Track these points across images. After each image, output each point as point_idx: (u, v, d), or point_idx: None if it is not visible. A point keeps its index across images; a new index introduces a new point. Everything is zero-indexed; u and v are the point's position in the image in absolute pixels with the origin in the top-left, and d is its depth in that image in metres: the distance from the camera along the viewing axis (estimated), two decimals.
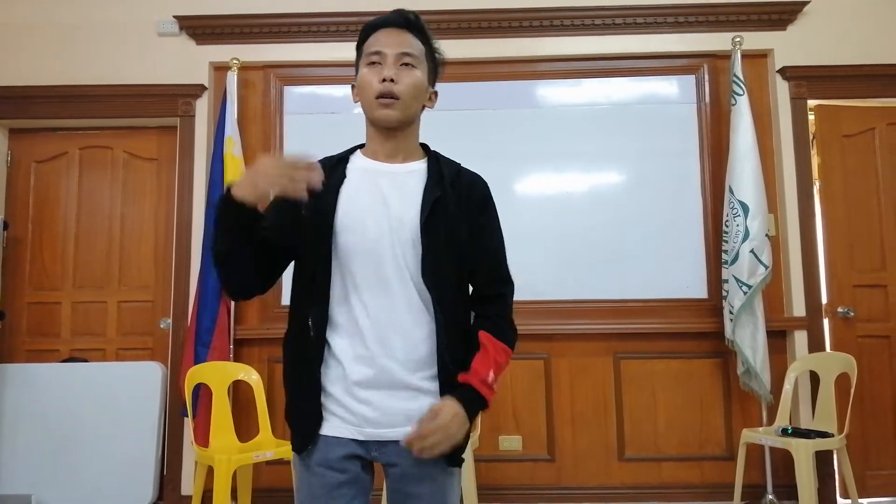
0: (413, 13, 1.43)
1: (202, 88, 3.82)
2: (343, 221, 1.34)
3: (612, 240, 3.71)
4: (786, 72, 3.73)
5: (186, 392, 3.19)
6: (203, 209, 3.63)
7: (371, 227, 1.33)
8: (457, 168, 1.46)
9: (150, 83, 3.81)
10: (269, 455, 3.03)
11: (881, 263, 3.73)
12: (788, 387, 3.41)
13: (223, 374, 3.35)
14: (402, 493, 1.34)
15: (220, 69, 3.84)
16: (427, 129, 1.52)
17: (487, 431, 3.54)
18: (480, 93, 3.82)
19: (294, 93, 3.87)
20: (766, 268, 3.39)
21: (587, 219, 3.73)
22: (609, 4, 3.77)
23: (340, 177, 1.39)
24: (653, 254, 3.70)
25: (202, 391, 3.32)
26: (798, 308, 3.60)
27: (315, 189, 1.21)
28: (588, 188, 3.78)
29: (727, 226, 3.50)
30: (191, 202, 3.74)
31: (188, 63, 3.83)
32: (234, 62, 3.72)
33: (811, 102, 3.76)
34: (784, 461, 3.36)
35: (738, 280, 3.38)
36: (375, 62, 1.37)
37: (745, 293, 3.36)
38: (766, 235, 3.44)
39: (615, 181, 3.79)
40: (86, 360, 3.77)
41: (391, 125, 1.38)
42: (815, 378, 3.42)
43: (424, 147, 1.48)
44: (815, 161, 3.76)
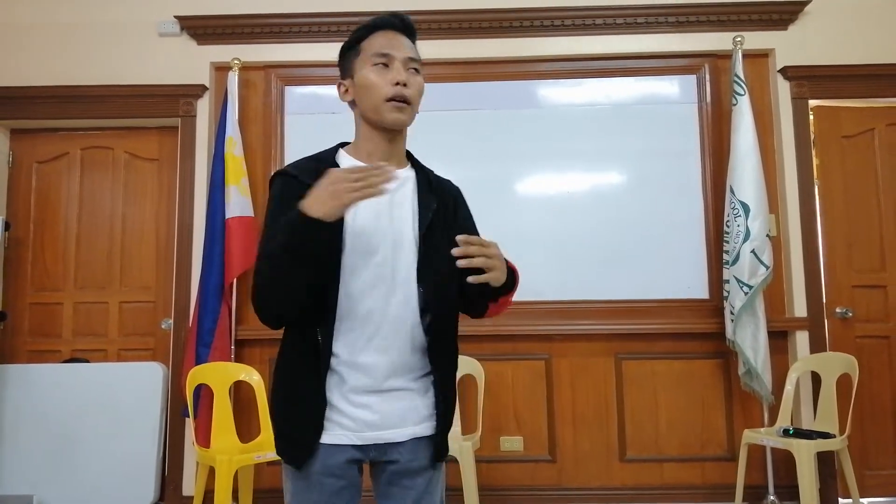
0: (409, 18, 1.44)
1: (203, 89, 3.82)
2: (351, 232, 1.32)
3: (613, 240, 3.71)
4: (787, 72, 3.73)
5: (188, 392, 3.19)
6: (204, 210, 3.63)
7: (375, 238, 1.34)
8: (434, 174, 1.50)
9: (151, 83, 3.81)
10: (271, 455, 3.03)
11: (881, 264, 3.73)
12: (790, 387, 3.40)
13: (224, 375, 3.35)
14: (398, 487, 1.37)
15: (221, 69, 3.84)
16: (427, 130, 1.53)
17: (488, 432, 3.54)
18: (481, 93, 3.81)
19: (295, 93, 3.88)
20: (767, 268, 3.39)
21: (588, 219, 3.73)
22: (610, 4, 3.77)
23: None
24: (653, 254, 3.69)
25: (203, 392, 3.33)
26: (799, 308, 3.60)
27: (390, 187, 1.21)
28: (589, 188, 3.78)
29: (728, 226, 3.50)
30: (192, 202, 3.74)
31: (189, 63, 3.84)
32: (235, 62, 3.72)
33: (811, 103, 3.76)
34: (785, 462, 3.36)
35: (739, 280, 3.38)
36: (383, 64, 1.37)
37: (746, 294, 3.35)
38: (767, 236, 3.44)
39: (616, 181, 3.79)
40: (87, 361, 3.78)
41: (400, 129, 1.41)
42: (817, 378, 3.42)
43: (406, 152, 1.49)
44: (814, 162, 3.76)
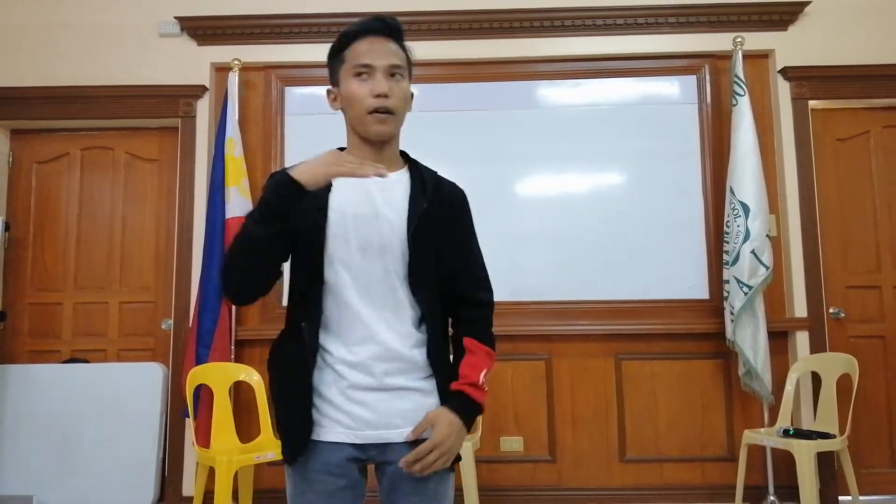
0: (393, 19, 1.41)
1: (203, 89, 3.82)
2: (333, 232, 1.34)
3: (613, 240, 3.71)
4: (787, 72, 3.73)
5: (187, 393, 3.19)
6: (204, 210, 3.63)
7: (360, 238, 1.34)
8: (436, 177, 1.46)
9: (152, 84, 3.81)
10: (271, 456, 3.03)
11: (876, 265, 3.76)
12: (790, 388, 3.40)
13: (224, 375, 3.35)
14: (401, 491, 1.34)
15: (222, 70, 3.84)
16: (427, 130, 1.53)
17: (488, 433, 3.54)
18: (481, 93, 3.81)
19: (295, 93, 3.88)
20: (767, 268, 3.39)
21: (588, 219, 3.73)
22: (610, 5, 3.77)
23: (327, 185, 1.36)
24: (654, 254, 3.69)
25: (203, 392, 3.33)
26: (799, 309, 3.60)
27: (383, 176, 1.24)
28: (589, 189, 3.78)
29: (728, 226, 3.50)
30: (192, 203, 3.74)
31: (189, 64, 3.84)
32: (236, 63, 3.72)
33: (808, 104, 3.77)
34: (786, 462, 3.36)
35: (739, 281, 3.38)
36: (364, 74, 1.36)
37: (746, 294, 3.35)
38: (767, 236, 3.44)
39: (616, 182, 3.79)
40: (87, 361, 3.78)
41: (385, 140, 1.39)
42: (817, 379, 3.42)
43: (403, 154, 1.48)
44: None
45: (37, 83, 3.82)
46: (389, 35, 1.40)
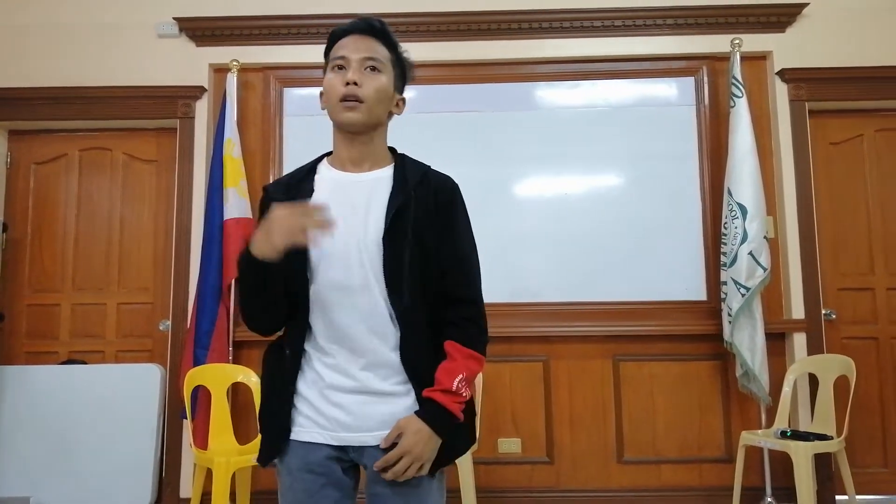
0: (378, 20, 1.42)
1: (202, 90, 3.82)
2: (313, 260, 1.35)
3: (611, 242, 3.72)
4: (784, 74, 3.74)
5: (185, 394, 3.19)
6: (202, 211, 3.63)
7: (339, 241, 1.32)
8: (423, 171, 1.42)
9: (150, 85, 3.81)
10: None
11: (869, 267, 3.79)
12: (787, 389, 3.41)
13: (222, 377, 3.35)
14: (380, 494, 1.34)
15: (220, 71, 3.84)
16: (425, 132, 1.53)
17: (486, 434, 3.54)
18: (479, 95, 3.81)
19: (294, 94, 3.88)
20: (765, 270, 3.39)
21: (586, 221, 3.73)
22: (608, 6, 3.77)
23: (308, 192, 1.38)
24: (651, 256, 3.70)
25: (201, 393, 3.32)
26: (797, 310, 3.61)
27: (328, 229, 1.24)
28: (587, 190, 3.78)
29: (726, 228, 3.50)
30: (190, 204, 3.74)
31: (188, 65, 3.83)
32: (234, 64, 3.72)
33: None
34: (783, 463, 3.36)
35: (737, 282, 3.38)
36: (340, 66, 1.38)
37: (744, 295, 3.36)
38: (765, 237, 3.45)
39: (614, 183, 3.79)
40: (85, 363, 3.77)
41: (355, 128, 1.37)
42: (814, 380, 3.43)
43: (392, 151, 1.47)
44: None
45: (35, 84, 3.82)
46: (372, 34, 1.40)
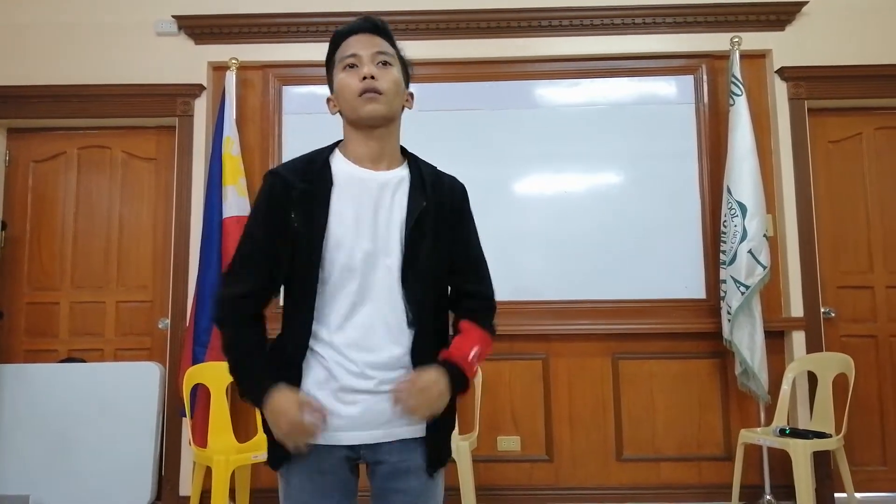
0: (380, 19, 1.44)
1: (201, 88, 3.82)
2: (334, 235, 1.33)
3: (611, 240, 3.72)
4: (784, 72, 3.74)
5: (184, 392, 3.18)
6: (201, 209, 3.62)
7: (358, 243, 1.33)
8: (435, 172, 1.46)
9: (149, 83, 3.80)
10: None
11: (868, 265, 3.79)
12: (786, 387, 3.41)
13: (221, 375, 3.33)
14: (389, 490, 1.35)
15: (219, 69, 3.84)
16: (425, 130, 1.53)
17: (486, 432, 3.55)
18: (479, 93, 3.81)
19: (293, 92, 3.87)
20: (765, 268, 3.39)
21: (585, 219, 3.73)
22: (607, 5, 3.77)
23: (328, 183, 1.36)
24: (651, 254, 3.70)
25: (200, 391, 3.32)
26: (796, 308, 3.61)
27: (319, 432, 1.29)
28: (586, 188, 3.78)
29: (725, 226, 3.50)
30: (189, 202, 3.74)
31: (187, 63, 3.83)
32: (233, 62, 3.71)
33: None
34: (782, 461, 3.36)
35: (736, 280, 3.38)
36: (352, 65, 1.38)
37: (743, 294, 3.36)
38: (764, 236, 3.45)
39: (613, 181, 3.79)
40: (84, 361, 3.77)
41: (376, 121, 1.37)
42: (813, 378, 3.43)
43: (402, 149, 1.48)
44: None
45: (34, 82, 3.81)
46: (376, 33, 1.42)
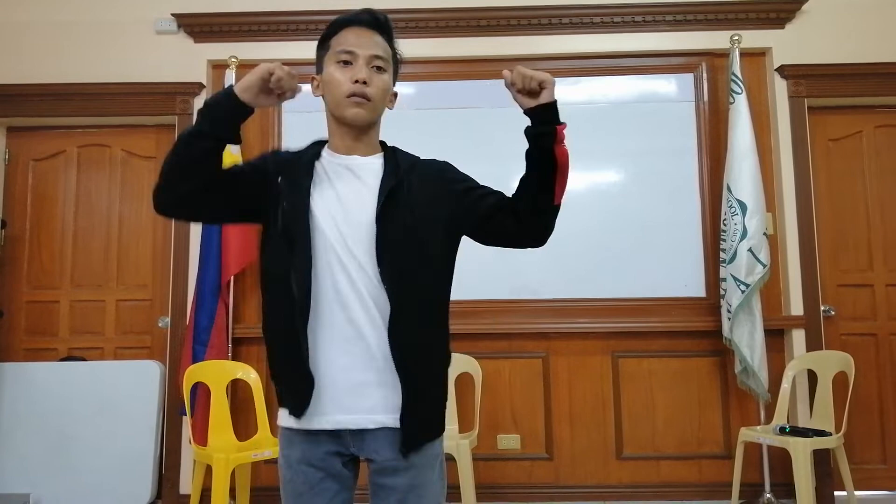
0: (383, 14, 1.42)
1: (200, 86, 3.82)
2: (315, 221, 1.34)
3: (611, 238, 3.72)
4: (784, 70, 3.73)
5: (184, 391, 3.18)
6: None
7: (333, 225, 1.34)
8: (413, 161, 1.46)
9: (148, 81, 3.80)
10: (268, 454, 3.03)
11: (868, 264, 3.79)
12: (786, 385, 3.41)
13: (221, 373, 3.35)
14: (381, 487, 1.35)
15: (218, 67, 3.83)
16: (424, 128, 1.54)
17: (486, 430, 3.55)
18: (479, 91, 3.80)
19: None
20: (765, 266, 3.39)
21: (585, 217, 3.73)
22: (608, 3, 3.77)
23: (308, 172, 1.39)
24: (651, 252, 3.70)
25: (200, 390, 3.32)
26: (796, 307, 3.61)
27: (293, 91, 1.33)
28: (586, 187, 3.78)
29: (725, 224, 3.50)
30: None
31: (186, 61, 3.83)
32: (233, 60, 3.71)
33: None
34: (782, 460, 3.36)
35: (736, 279, 3.38)
36: (347, 61, 1.38)
37: (743, 292, 3.36)
38: (764, 234, 3.45)
39: (613, 179, 3.79)
40: (84, 359, 3.77)
41: (360, 125, 1.40)
42: (813, 377, 3.43)
43: (382, 143, 1.49)
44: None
45: (33, 80, 3.81)
46: (377, 28, 1.41)
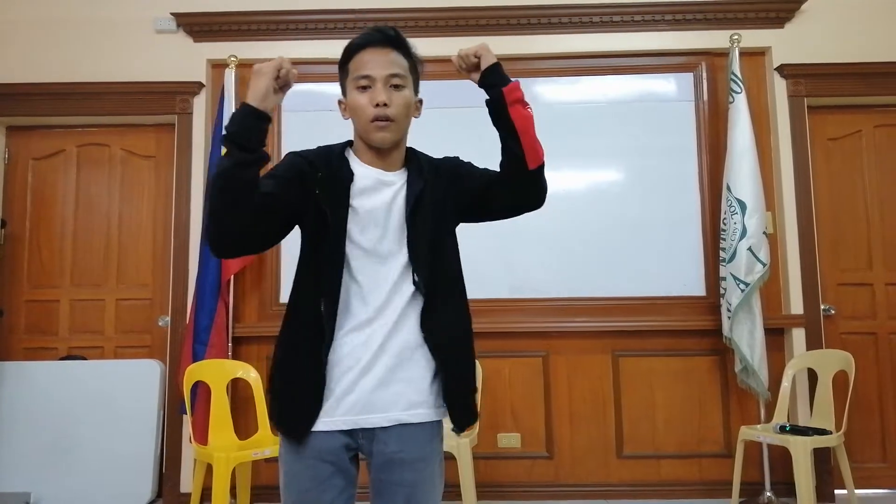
0: (392, 28, 1.46)
1: (200, 86, 3.81)
2: (353, 222, 1.39)
3: (611, 237, 3.72)
4: (783, 70, 3.74)
5: (185, 390, 3.18)
6: (201, 207, 3.62)
7: (374, 232, 1.40)
8: (432, 161, 1.53)
9: (148, 80, 3.80)
10: (268, 453, 3.03)
11: (867, 263, 3.80)
12: (786, 384, 3.41)
13: (222, 372, 3.34)
14: (386, 482, 1.37)
15: (218, 66, 3.83)
16: (425, 127, 1.55)
17: (486, 429, 3.55)
18: (478, 90, 3.78)
19: (292, 90, 3.80)
20: (764, 265, 3.39)
21: (585, 216, 3.73)
22: (608, 2, 3.77)
23: (349, 174, 1.42)
24: (651, 251, 3.70)
25: (200, 389, 3.32)
26: (796, 306, 3.61)
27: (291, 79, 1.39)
28: (586, 186, 3.78)
29: (725, 223, 3.50)
30: (188, 200, 3.73)
31: (186, 60, 3.83)
32: (232, 59, 3.71)
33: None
34: (782, 458, 3.37)
35: (736, 278, 3.38)
36: (365, 86, 1.41)
37: (743, 291, 3.36)
38: (764, 233, 3.45)
39: (613, 179, 3.79)
40: (84, 358, 3.77)
41: (388, 146, 1.44)
42: (813, 375, 3.43)
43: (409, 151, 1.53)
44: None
45: (33, 79, 3.81)
46: (389, 45, 1.44)
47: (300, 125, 3.80)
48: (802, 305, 3.61)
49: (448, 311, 1.42)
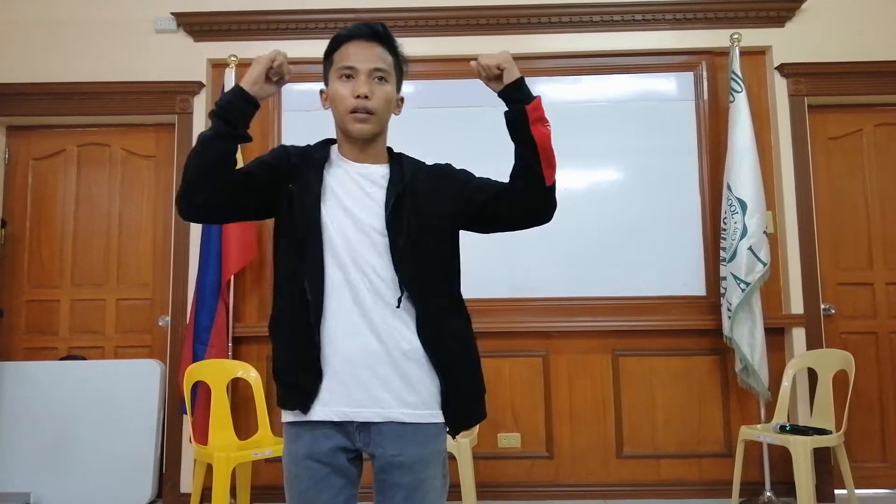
0: (381, 24, 1.46)
1: (200, 85, 3.81)
2: (325, 226, 1.39)
3: (611, 237, 3.72)
4: (784, 69, 3.73)
5: (185, 390, 3.18)
6: None
7: (342, 229, 1.39)
8: (418, 165, 1.51)
9: (148, 80, 3.80)
10: (268, 453, 3.03)
11: (868, 262, 3.80)
12: (786, 384, 3.41)
13: (222, 372, 3.35)
14: (386, 483, 1.37)
15: (218, 66, 3.83)
16: (423, 127, 1.55)
17: (486, 429, 3.55)
18: (478, 90, 3.76)
19: (292, 90, 3.85)
20: (765, 265, 3.39)
21: (585, 216, 3.73)
22: (608, 1, 3.76)
23: (319, 170, 1.44)
24: (651, 251, 3.70)
25: (201, 389, 3.32)
26: (796, 305, 3.61)
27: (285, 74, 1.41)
28: (586, 185, 3.78)
29: (725, 223, 3.50)
30: None
31: (186, 60, 3.83)
32: (232, 59, 3.71)
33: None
34: (782, 458, 3.37)
35: (736, 277, 3.38)
36: (348, 76, 1.42)
37: (743, 290, 3.36)
38: (764, 232, 3.45)
39: (613, 178, 3.79)
40: (84, 358, 3.77)
41: (365, 138, 1.44)
42: (813, 375, 3.43)
43: (389, 150, 1.52)
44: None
45: (32, 79, 3.81)
46: (376, 39, 1.45)
47: (300, 124, 3.80)
48: (803, 305, 3.61)
49: (446, 327, 1.41)
